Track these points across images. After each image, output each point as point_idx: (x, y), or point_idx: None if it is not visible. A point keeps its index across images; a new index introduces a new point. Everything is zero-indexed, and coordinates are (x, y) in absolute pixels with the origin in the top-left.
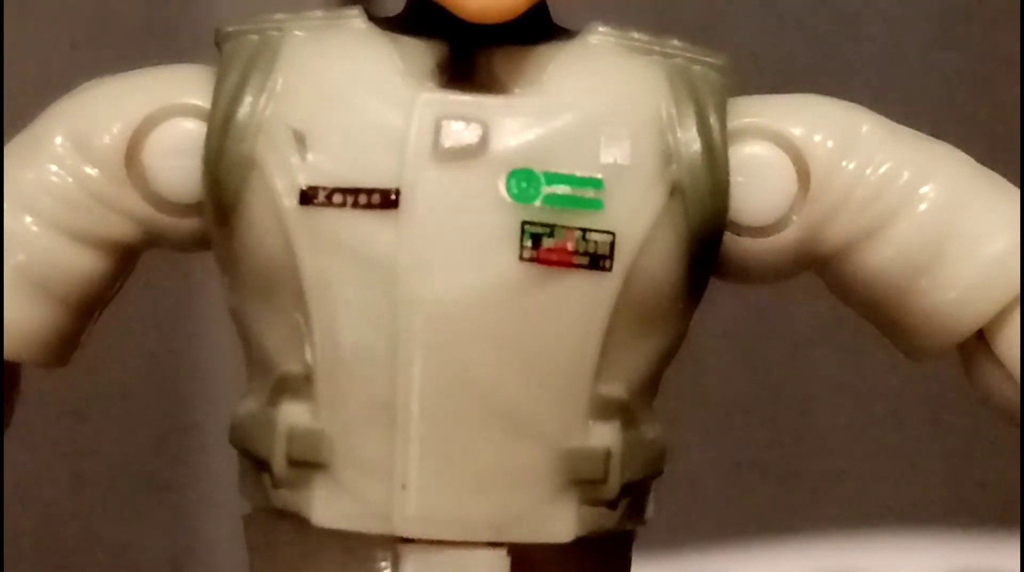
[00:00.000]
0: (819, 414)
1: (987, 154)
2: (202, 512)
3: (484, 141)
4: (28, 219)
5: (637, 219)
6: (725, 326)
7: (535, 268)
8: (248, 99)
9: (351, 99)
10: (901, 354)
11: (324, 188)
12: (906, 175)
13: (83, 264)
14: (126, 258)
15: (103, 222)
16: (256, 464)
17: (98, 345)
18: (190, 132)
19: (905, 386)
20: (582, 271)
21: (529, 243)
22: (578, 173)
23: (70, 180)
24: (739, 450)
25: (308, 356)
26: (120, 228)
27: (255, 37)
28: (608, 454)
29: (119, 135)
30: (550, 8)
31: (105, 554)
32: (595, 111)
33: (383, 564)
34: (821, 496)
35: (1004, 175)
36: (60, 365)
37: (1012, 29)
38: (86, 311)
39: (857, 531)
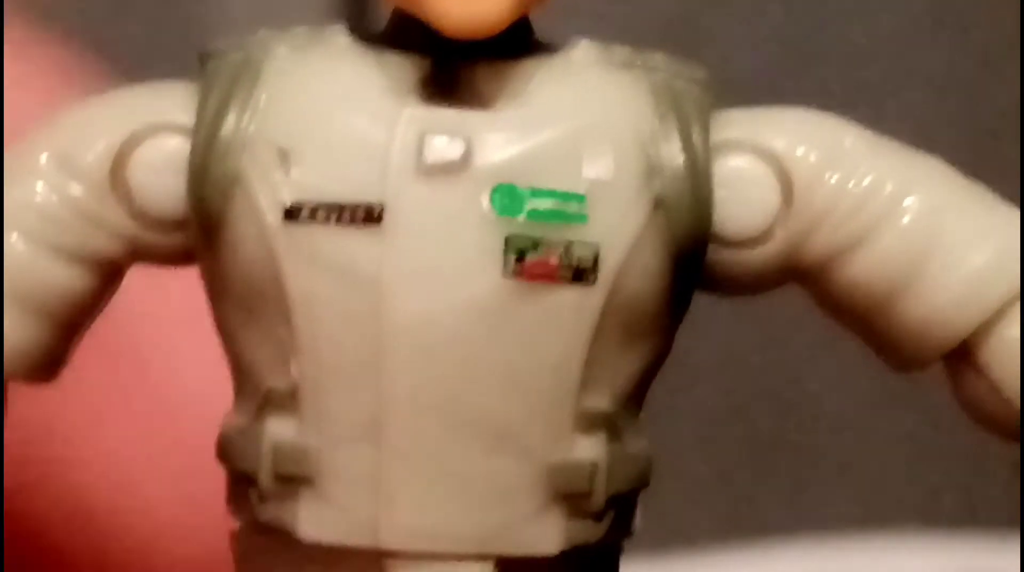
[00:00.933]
0: (818, 414)
1: (980, 157)
2: None
3: (467, 156)
4: (13, 236)
5: (620, 233)
6: (722, 326)
7: (519, 283)
8: (232, 116)
9: (334, 115)
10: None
11: (308, 204)
12: (889, 187)
13: (68, 280)
14: (111, 274)
15: (88, 239)
16: (243, 479)
17: None
18: (174, 149)
19: (904, 386)
20: (566, 285)
21: (513, 258)
22: (561, 188)
23: (55, 198)
24: (737, 450)
25: (293, 372)
26: (105, 245)
27: (238, 55)
28: (594, 467)
29: (103, 153)
30: (532, 24)
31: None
32: (578, 125)
33: None
34: (820, 497)
35: (999, 179)
36: (47, 381)
37: (1007, 29)
38: (72, 327)
39: (857, 532)
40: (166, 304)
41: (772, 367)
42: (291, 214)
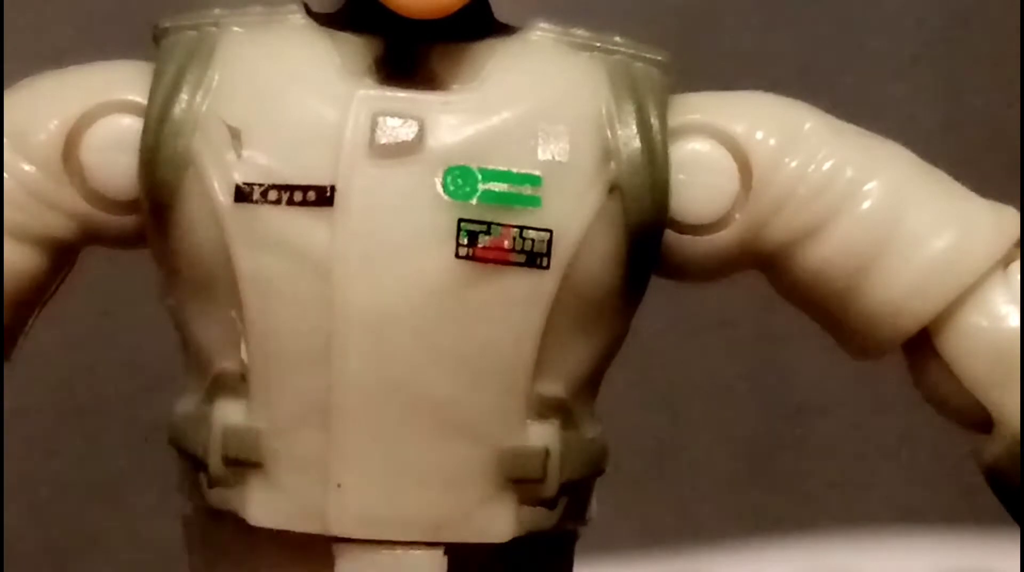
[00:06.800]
0: (817, 413)
1: (982, 167)
2: None
3: (420, 138)
4: None
5: (575, 217)
6: (720, 326)
7: (471, 266)
8: (184, 95)
9: (287, 95)
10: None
11: (259, 185)
12: (849, 172)
13: (22, 261)
14: (65, 255)
15: (41, 219)
16: (193, 463)
17: (100, 343)
18: (127, 128)
19: (903, 385)
20: (519, 269)
21: (465, 241)
22: (515, 170)
23: (7, 177)
24: (737, 450)
25: (243, 354)
26: (58, 225)
27: (193, 33)
28: (546, 453)
29: (56, 132)
30: (492, 5)
31: (103, 553)
32: (533, 108)
33: (319, 563)
34: (820, 496)
35: (1002, 187)
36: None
37: (1010, 39)
38: (25, 308)
39: (856, 531)
40: None
41: (772, 367)
42: (242, 195)
